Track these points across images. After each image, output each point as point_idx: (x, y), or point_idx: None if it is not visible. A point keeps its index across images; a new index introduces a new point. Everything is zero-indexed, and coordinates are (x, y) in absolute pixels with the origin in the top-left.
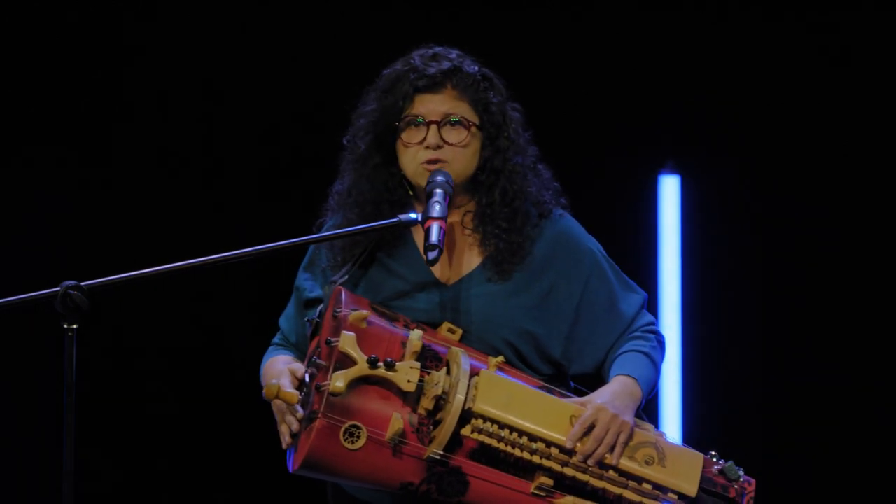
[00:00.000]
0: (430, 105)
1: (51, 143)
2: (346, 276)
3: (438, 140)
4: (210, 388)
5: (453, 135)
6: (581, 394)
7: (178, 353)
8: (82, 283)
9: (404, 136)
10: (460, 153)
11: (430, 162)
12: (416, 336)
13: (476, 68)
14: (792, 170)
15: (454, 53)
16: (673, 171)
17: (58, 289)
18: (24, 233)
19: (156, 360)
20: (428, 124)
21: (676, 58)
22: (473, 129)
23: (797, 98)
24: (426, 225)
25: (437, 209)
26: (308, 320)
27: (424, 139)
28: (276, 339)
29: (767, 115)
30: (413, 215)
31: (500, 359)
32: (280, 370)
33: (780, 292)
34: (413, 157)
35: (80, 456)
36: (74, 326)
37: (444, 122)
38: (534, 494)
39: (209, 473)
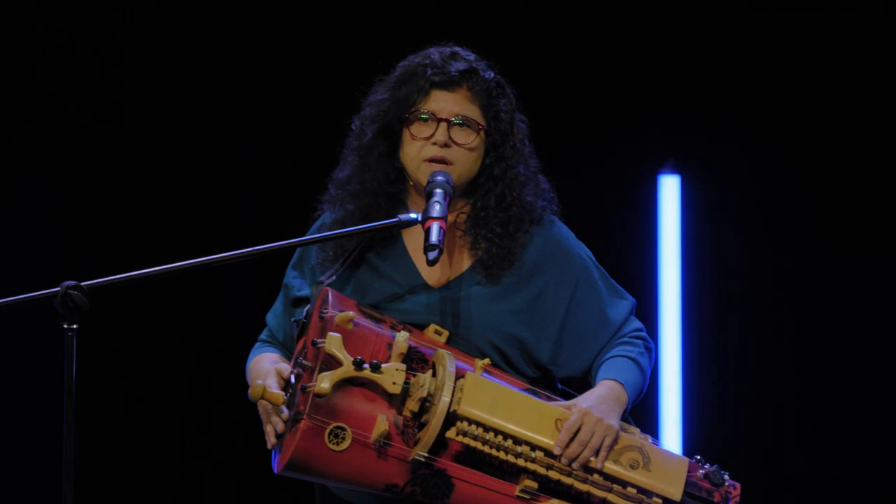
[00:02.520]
0: (444, 103)
1: (51, 143)
2: (334, 277)
3: (447, 139)
4: (205, 388)
5: (462, 136)
6: (568, 395)
7: (176, 354)
8: (82, 283)
9: (413, 128)
10: (465, 155)
11: (434, 160)
12: (402, 338)
13: (491, 74)
14: (792, 170)
15: (472, 55)
16: (673, 171)
17: (58, 289)
18: (24, 233)
19: (154, 361)
20: (438, 121)
21: (677, 58)
22: (482, 133)
23: (797, 98)
24: (426, 225)
25: (437, 209)
26: (295, 321)
27: (433, 134)
28: (262, 336)
29: (767, 116)
30: (413, 215)
31: (486, 361)
32: (266, 370)
33: (781, 292)
34: (418, 152)
35: (80, 456)
36: (74, 326)
37: (454, 121)
38: (518, 497)
39: (200, 471)
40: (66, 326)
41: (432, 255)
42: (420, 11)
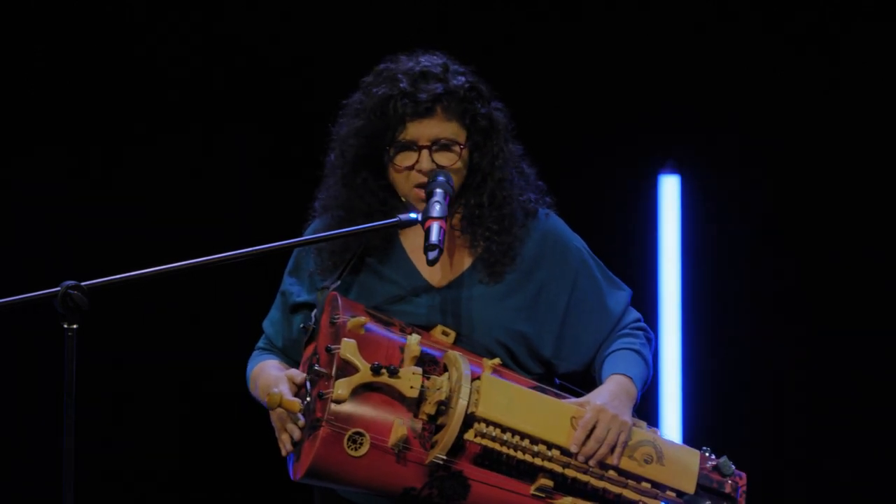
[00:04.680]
0: (421, 130)
1: (51, 143)
2: (338, 282)
3: (431, 165)
4: (206, 390)
5: (445, 158)
6: (567, 391)
7: (176, 354)
8: (82, 283)
9: (396, 160)
10: (452, 173)
11: (422, 186)
12: (414, 341)
13: (462, 79)
14: (792, 169)
15: (439, 66)
16: (673, 171)
17: (58, 289)
18: (24, 233)
19: (153, 361)
20: (419, 149)
21: (677, 57)
22: (464, 151)
23: (797, 98)
24: (426, 225)
25: (437, 209)
26: (304, 327)
27: (416, 162)
28: (260, 344)
29: (768, 115)
30: (413, 215)
31: (496, 361)
32: (277, 377)
33: (780, 292)
34: (405, 181)
35: (80, 456)
36: (74, 326)
37: (434, 146)
38: (534, 496)
39: (203, 474)
40: (66, 326)
41: (432, 254)
42: (419, 12)
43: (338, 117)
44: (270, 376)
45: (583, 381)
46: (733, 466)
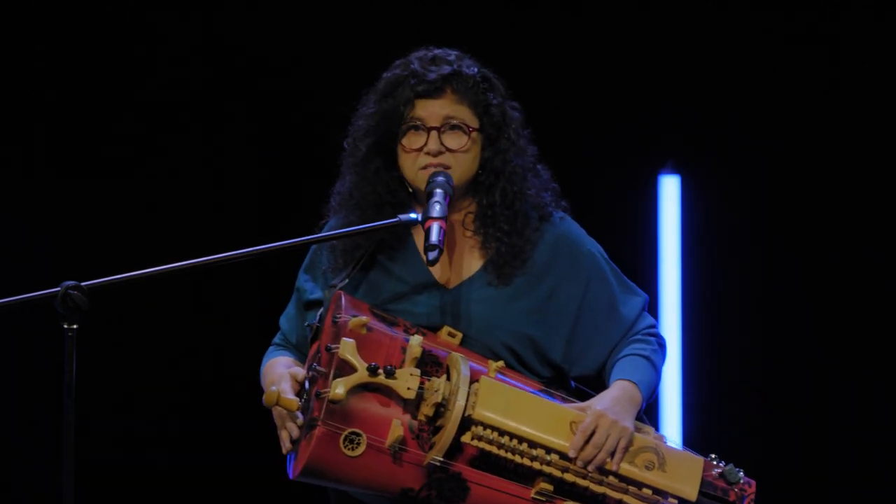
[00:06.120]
0: (431, 109)
1: (51, 142)
2: (346, 280)
3: (439, 146)
4: (211, 389)
5: (454, 140)
6: (582, 394)
7: (178, 354)
8: (82, 283)
9: (405, 141)
10: (461, 158)
11: (430, 168)
12: (415, 342)
13: (475, 70)
14: (792, 169)
15: (453, 55)
16: (673, 171)
17: (58, 289)
18: (24, 233)
19: (155, 361)
20: (428, 130)
21: (677, 58)
22: (474, 133)
23: (797, 98)
24: (426, 225)
25: (436, 209)
26: (308, 325)
27: (425, 145)
28: (276, 339)
29: (768, 115)
30: (413, 215)
31: (501, 363)
32: (280, 374)
33: (781, 292)
34: (414, 163)
35: (80, 456)
36: (74, 326)
37: (443, 127)
38: (534, 500)
39: (210, 475)
40: (66, 326)
41: (432, 255)
42: (420, 11)
43: (354, 112)
44: (275, 374)
45: (596, 385)
46: (741, 474)
